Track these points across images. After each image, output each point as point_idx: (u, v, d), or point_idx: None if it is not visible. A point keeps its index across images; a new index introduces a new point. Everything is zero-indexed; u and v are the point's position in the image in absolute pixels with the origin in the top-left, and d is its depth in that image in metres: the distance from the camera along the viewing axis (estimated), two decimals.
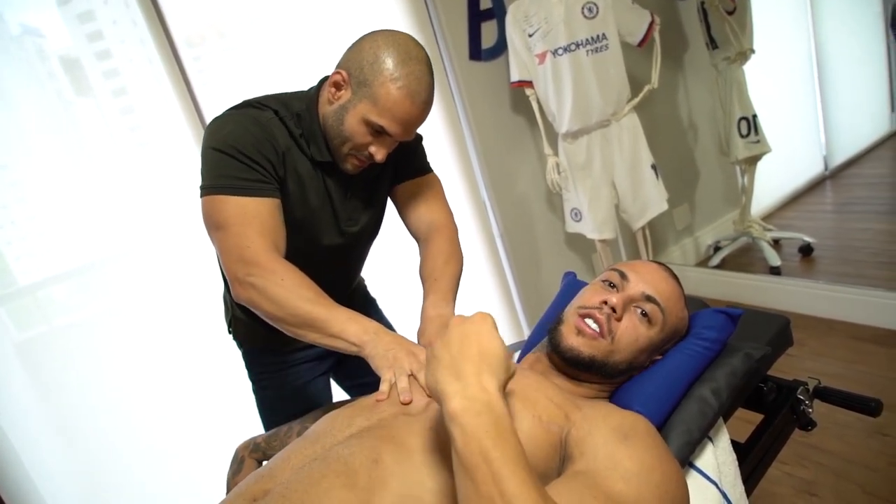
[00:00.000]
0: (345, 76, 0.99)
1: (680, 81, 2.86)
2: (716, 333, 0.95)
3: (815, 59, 3.23)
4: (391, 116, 0.97)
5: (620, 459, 0.69)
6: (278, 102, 1.05)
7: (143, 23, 1.80)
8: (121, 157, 1.93)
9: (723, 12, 2.33)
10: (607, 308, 0.89)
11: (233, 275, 0.96)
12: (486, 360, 0.63)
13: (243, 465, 1.18)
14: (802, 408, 1.03)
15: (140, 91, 1.91)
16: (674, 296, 0.94)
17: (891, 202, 2.91)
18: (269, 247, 0.96)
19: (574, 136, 2.25)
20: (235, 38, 2.08)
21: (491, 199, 2.44)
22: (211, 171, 0.99)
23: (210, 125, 1.03)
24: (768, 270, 2.61)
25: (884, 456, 1.65)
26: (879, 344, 2.10)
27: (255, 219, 0.96)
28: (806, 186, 3.31)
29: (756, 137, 2.48)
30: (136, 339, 1.91)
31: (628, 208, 2.33)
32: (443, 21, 2.23)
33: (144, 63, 1.88)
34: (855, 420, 1.78)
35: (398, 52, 0.96)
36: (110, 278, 1.94)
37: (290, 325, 0.95)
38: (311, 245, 1.11)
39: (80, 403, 1.83)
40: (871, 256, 2.59)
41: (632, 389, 0.91)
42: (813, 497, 1.59)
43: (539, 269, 2.61)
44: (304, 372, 1.31)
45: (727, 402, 0.92)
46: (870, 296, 2.21)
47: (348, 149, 1.03)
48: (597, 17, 2.08)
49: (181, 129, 1.88)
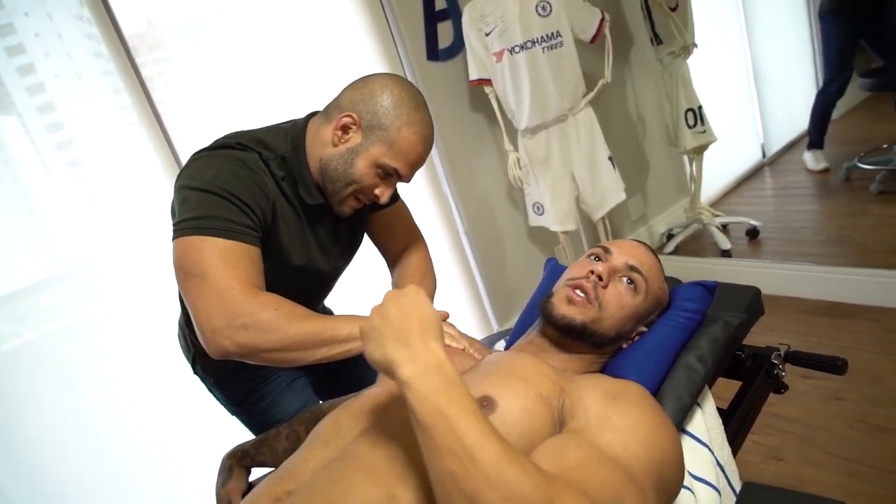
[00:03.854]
0: (356, 119, 0.99)
1: (627, 77, 2.96)
2: (696, 305, 1.01)
3: (749, 53, 3.42)
4: (405, 159, 1.00)
5: (609, 416, 0.73)
6: (257, 142, 1.02)
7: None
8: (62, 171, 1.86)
9: (666, 9, 2.43)
10: (594, 277, 0.94)
11: (212, 325, 0.87)
12: (428, 327, 0.66)
13: (232, 473, 1.15)
14: (776, 372, 1.10)
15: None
16: (654, 267, 1.00)
17: (824, 185, 3.11)
18: (251, 287, 0.91)
19: (533, 131, 2.31)
20: (172, 49, 2.04)
21: (454, 197, 2.47)
22: (194, 209, 0.92)
23: (187, 169, 0.98)
24: (720, 254, 2.74)
25: (840, 419, 1.76)
26: (827, 315, 2.24)
27: (241, 263, 0.91)
28: (747, 173, 3.49)
29: (703, 127, 2.60)
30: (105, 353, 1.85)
31: (588, 200, 2.40)
32: (399, 23, 2.25)
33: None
34: (811, 388, 1.90)
35: (411, 98, 1.00)
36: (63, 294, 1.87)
37: (294, 350, 0.91)
38: (298, 283, 1.11)
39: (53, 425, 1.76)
40: (812, 235, 2.76)
41: (623, 362, 0.96)
42: (780, 462, 1.69)
43: (504, 263, 2.66)
44: (283, 376, 1.30)
45: (712, 368, 0.97)
46: (815, 272, 2.35)
47: (352, 191, 1.03)
48: (550, 16, 2.14)
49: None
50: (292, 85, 2.12)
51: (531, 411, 0.77)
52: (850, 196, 2.88)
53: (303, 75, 2.14)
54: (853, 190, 2.89)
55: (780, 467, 1.67)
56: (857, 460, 1.60)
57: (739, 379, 1.12)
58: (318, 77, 2.15)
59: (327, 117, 1.04)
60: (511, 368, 0.85)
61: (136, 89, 1.78)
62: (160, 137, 1.82)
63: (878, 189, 2.73)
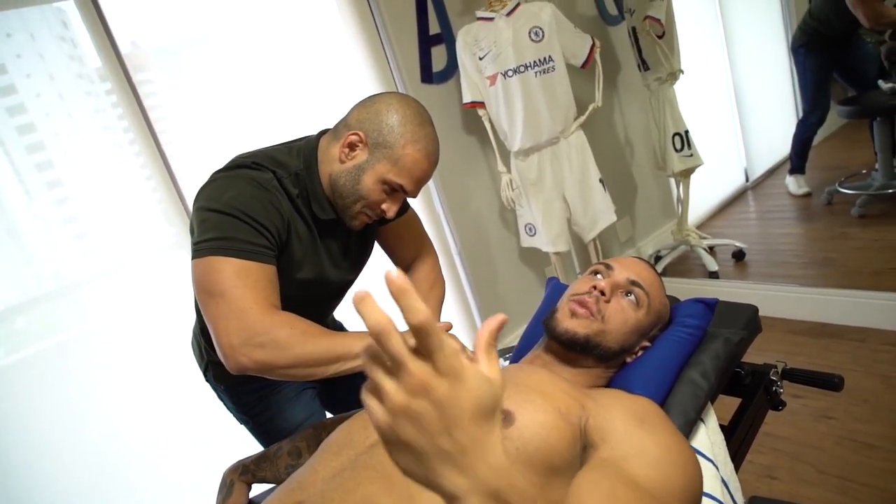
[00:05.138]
0: (362, 137, 1.02)
1: (615, 102, 3.03)
2: (697, 321, 1.04)
3: (731, 81, 3.52)
4: (410, 176, 1.03)
5: (644, 445, 0.73)
6: (272, 161, 1.05)
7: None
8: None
9: (654, 36, 2.50)
10: (596, 291, 0.96)
11: (231, 342, 0.92)
12: (485, 427, 0.44)
13: (233, 489, 1.15)
14: (775, 388, 1.12)
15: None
16: (655, 283, 1.02)
17: (806, 209, 3.18)
18: (268, 306, 0.95)
19: (526, 153, 2.34)
20: (156, 71, 2.05)
21: (448, 217, 2.49)
22: (213, 230, 0.96)
23: (205, 190, 1.02)
24: (707, 275, 2.78)
25: (830, 437, 1.79)
26: (814, 336, 2.28)
27: (258, 282, 0.95)
28: (731, 197, 3.57)
29: (689, 151, 2.66)
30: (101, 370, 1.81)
31: (580, 221, 2.43)
32: (395, 46, 2.28)
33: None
34: (801, 407, 1.92)
35: (415, 115, 1.03)
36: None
37: (308, 367, 0.95)
38: (309, 294, 1.14)
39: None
40: (796, 258, 2.82)
41: (629, 375, 0.97)
42: (774, 480, 1.70)
43: (496, 283, 2.68)
44: (291, 386, 1.31)
45: (714, 383, 0.99)
46: (800, 293, 2.40)
47: (361, 207, 1.06)
48: (543, 41, 2.19)
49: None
50: (287, 107, 2.14)
51: (550, 427, 0.78)
52: (831, 220, 2.95)
53: (297, 97, 2.15)
54: (835, 214, 2.96)
55: (775, 486, 1.68)
56: (847, 477, 1.63)
57: (738, 395, 1.14)
58: (314, 99, 2.17)
59: (336, 135, 1.07)
60: (528, 383, 0.85)
61: (134, 108, 1.79)
62: (151, 158, 1.82)
63: (858, 213, 2.80)
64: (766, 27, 3.56)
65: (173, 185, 1.84)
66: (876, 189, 2.80)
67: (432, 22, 2.37)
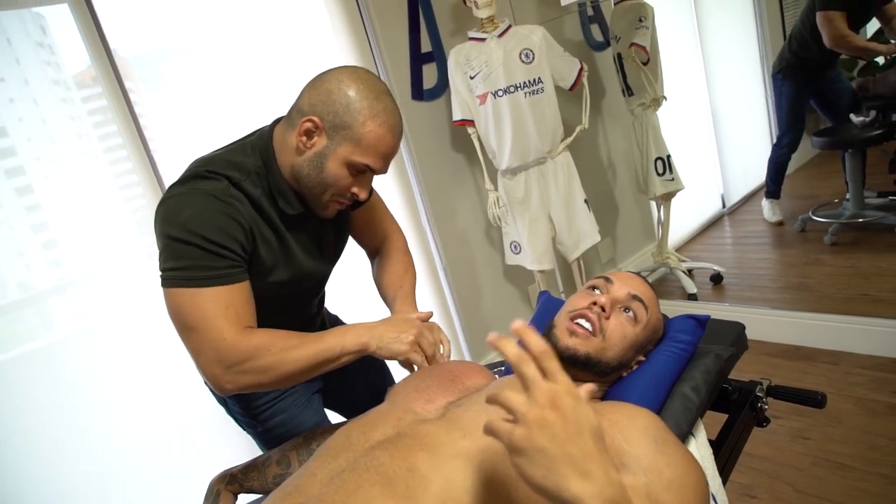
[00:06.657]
0: (317, 122, 0.97)
1: (599, 125, 3.10)
2: (689, 336, 1.06)
3: (710, 108, 3.62)
4: (375, 153, 0.99)
5: (661, 468, 0.73)
6: (228, 165, 0.99)
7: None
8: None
9: (638, 63, 2.57)
10: (597, 308, 0.96)
11: (214, 372, 0.93)
12: (599, 444, 0.54)
13: (219, 498, 1.13)
14: (760, 405, 1.14)
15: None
16: (653, 298, 1.04)
17: (781, 235, 3.27)
18: (241, 330, 0.94)
19: (513, 172, 2.38)
20: (135, 81, 2.03)
21: (434, 232, 2.50)
22: (175, 259, 0.93)
23: (162, 208, 0.96)
24: (686, 297, 2.83)
25: (807, 457, 1.82)
26: (789, 358, 2.33)
27: (229, 307, 0.93)
28: (708, 222, 3.65)
29: (671, 175, 2.72)
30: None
31: (564, 240, 2.47)
32: (386, 63, 2.31)
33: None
34: (778, 427, 1.96)
35: (370, 89, 0.97)
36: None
37: (296, 377, 0.97)
38: (293, 295, 1.14)
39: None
40: (771, 282, 2.89)
41: (625, 389, 0.98)
42: (753, 499, 1.73)
43: (480, 299, 2.69)
44: (301, 390, 1.28)
45: (705, 398, 1.01)
46: (775, 315, 2.46)
47: (330, 195, 1.02)
48: (533, 63, 2.24)
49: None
50: (269, 118, 2.12)
51: None
52: (805, 246, 3.03)
53: (281, 108, 2.14)
54: (808, 241, 3.05)
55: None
56: (823, 497, 1.66)
57: (725, 411, 1.16)
58: None
59: (290, 123, 1.02)
60: None
61: (125, 115, 1.78)
62: (140, 165, 1.81)
63: (830, 241, 2.89)
64: (742, 57, 3.69)
65: (161, 191, 1.82)
66: (847, 218, 2.90)
67: (424, 40, 2.41)
